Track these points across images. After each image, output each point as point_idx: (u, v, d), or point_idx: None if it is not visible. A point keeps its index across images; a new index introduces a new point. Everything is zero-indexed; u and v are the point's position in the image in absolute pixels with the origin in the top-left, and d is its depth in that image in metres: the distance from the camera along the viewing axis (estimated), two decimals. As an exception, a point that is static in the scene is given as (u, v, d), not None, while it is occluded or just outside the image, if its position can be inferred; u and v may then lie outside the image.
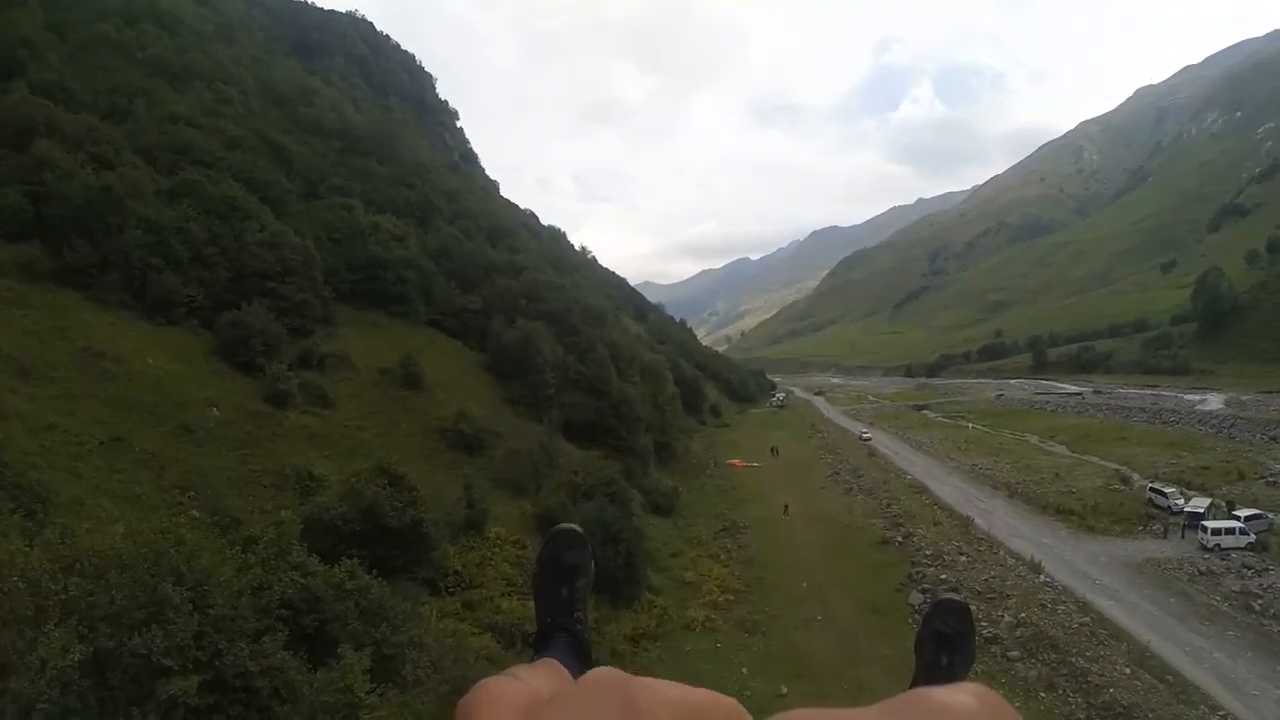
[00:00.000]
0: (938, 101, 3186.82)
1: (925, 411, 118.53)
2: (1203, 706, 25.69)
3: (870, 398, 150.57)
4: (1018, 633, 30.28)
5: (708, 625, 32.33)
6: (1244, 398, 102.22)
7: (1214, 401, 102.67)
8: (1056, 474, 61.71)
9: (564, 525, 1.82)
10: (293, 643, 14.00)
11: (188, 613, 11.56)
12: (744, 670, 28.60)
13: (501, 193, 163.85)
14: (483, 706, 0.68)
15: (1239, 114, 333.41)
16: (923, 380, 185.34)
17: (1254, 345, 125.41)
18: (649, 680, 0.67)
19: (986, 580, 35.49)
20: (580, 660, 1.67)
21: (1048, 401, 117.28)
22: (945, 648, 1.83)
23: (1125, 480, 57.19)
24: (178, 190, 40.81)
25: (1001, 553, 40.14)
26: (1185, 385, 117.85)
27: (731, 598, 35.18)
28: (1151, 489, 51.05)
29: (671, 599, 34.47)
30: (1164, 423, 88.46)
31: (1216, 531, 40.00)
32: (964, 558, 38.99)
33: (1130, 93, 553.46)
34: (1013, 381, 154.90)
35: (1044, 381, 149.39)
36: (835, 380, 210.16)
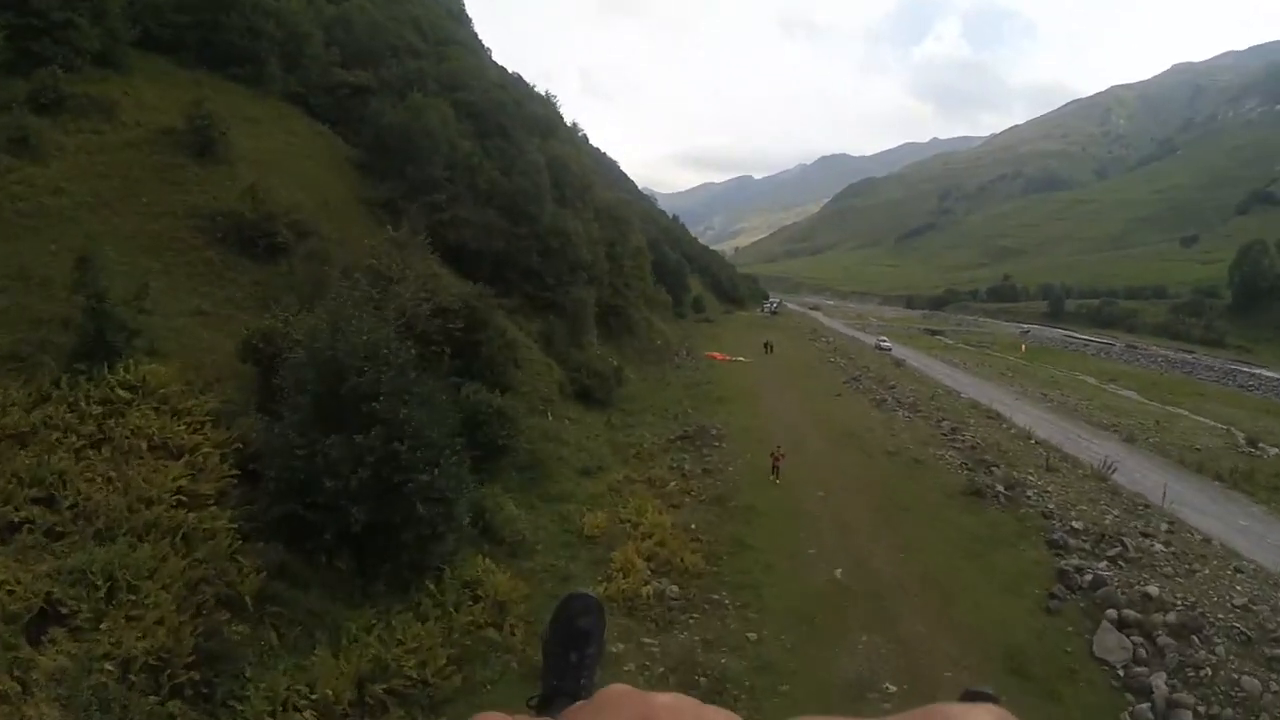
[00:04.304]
0: (964, 42, 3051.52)
1: (939, 337, 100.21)
2: None
3: (873, 318, 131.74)
4: None
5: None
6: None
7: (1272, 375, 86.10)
8: (1157, 422, 44.86)
9: (579, 590, 1.76)
10: None
11: None
12: None
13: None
14: None
15: (1279, 106, 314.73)
16: (927, 312, 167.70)
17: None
18: (666, 697, 0.63)
19: (1242, 610, 16.41)
20: None
21: (1086, 345, 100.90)
22: None
23: (1254, 444, 41.62)
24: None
25: (1214, 543, 20.87)
26: (1225, 356, 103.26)
27: (674, 589, 15.55)
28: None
29: (532, 579, 15.11)
30: (1240, 385, 74.11)
31: None
32: (1160, 547, 19.58)
33: (1166, 67, 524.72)
34: (1027, 325, 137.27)
35: (1062, 330, 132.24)
36: (830, 302, 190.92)
